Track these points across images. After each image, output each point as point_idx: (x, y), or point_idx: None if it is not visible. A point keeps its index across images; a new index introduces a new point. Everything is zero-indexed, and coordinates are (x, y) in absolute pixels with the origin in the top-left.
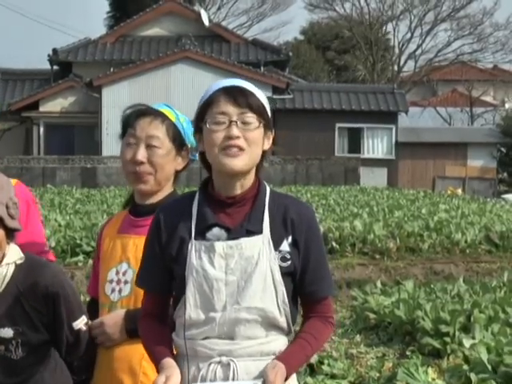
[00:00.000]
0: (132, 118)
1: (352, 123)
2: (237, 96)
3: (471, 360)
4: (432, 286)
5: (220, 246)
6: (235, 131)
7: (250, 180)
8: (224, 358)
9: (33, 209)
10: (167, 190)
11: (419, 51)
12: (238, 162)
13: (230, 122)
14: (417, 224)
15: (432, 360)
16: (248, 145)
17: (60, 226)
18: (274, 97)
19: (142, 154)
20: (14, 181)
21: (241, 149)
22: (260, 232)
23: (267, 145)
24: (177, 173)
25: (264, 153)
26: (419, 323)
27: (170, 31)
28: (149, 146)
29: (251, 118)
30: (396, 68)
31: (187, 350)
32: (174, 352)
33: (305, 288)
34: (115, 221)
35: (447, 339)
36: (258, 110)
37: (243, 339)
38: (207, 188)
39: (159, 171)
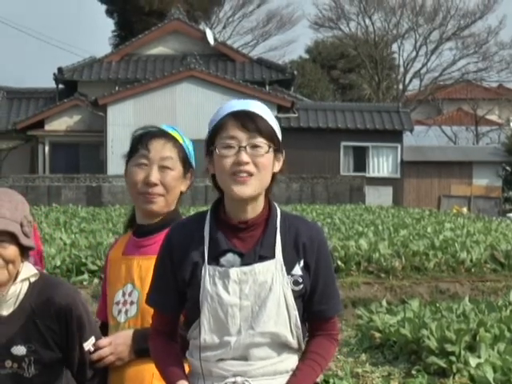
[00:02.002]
0: (145, 139)
1: (357, 142)
2: (246, 120)
3: (477, 379)
4: (437, 304)
5: (234, 273)
6: (244, 157)
7: (261, 203)
8: (239, 378)
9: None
10: (171, 209)
11: (424, 70)
12: (247, 189)
13: (240, 147)
14: (422, 243)
15: (438, 379)
16: (257, 170)
17: (65, 244)
18: (279, 116)
19: (155, 176)
20: None
21: (250, 174)
22: (272, 257)
23: (277, 167)
24: (181, 194)
25: (274, 175)
26: (425, 342)
27: (175, 50)
28: (162, 168)
29: (260, 142)
30: (401, 87)
31: (202, 370)
32: (186, 369)
33: (313, 307)
34: (120, 244)
35: (453, 358)
36: (268, 134)
37: (257, 360)
38: (218, 210)
39: (170, 193)
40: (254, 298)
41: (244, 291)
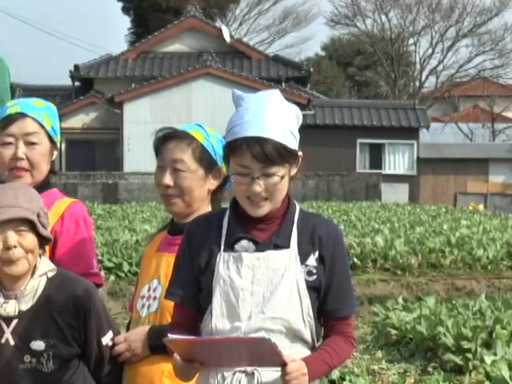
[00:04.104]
0: (159, 143)
1: (373, 139)
2: (258, 151)
3: (493, 376)
4: (454, 302)
5: (247, 257)
6: (257, 188)
7: None
8: (248, 368)
9: (82, 229)
10: (204, 209)
11: (440, 67)
12: (263, 211)
13: (253, 178)
14: (438, 240)
15: (454, 376)
16: (271, 194)
17: None
18: None
19: (168, 178)
20: (69, 200)
21: (265, 198)
22: (287, 247)
23: (294, 171)
24: (214, 192)
25: (292, 177)
26: (441, 339)
27: (191, 47)
28: (174, 170)
29: (274, 170)
30: (417, 84)
31: None
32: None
33: (327, 306)
34: (156, 240)
35: (469, 355)
36: (282, 160)
37: None
38: (237, 205)
39: (187, 194)
40: (265, 283)
41: (256, 276)
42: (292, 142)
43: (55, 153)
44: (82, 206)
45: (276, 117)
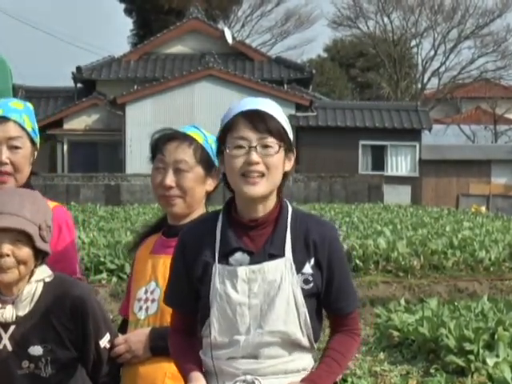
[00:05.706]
0: (160, 143)
1: (375, 141)
2: (256, 121)
3: (495, 378)
4: (456, 303)
5: (243, 271)
6: (254, 157)
7: (272, 201)
8: (249, 377)
9: (64, 234)
10: (200, 211)
11: (443, 68)
12: (259, 189)
13: (250, 147)
14: (441, 242)
15: (456, 378)
16: (268, 170)
17: (84, 243)
18: (298, 114)
19: (170, 179)
20: (52, 204)
21: (261, 175)
22: (282, 255)
23: (288, 166)
24: (208, 194)
25: (286, 174)
26: (443, 341)
27: (193, 49)
28: (177, 170)
29: (271, 142)
30: (419, 85)
31: (214, 369)
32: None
33: (331, 305)
34: (149, 243)
35: (471, 357)
36: (278, 134)
37: (267, 359)
38: (230, 210)
39: (189, 195)
40: (263, 296)
41: (253, 290)
42: (286, 124)
43: (35, 154)
44: (64, 210)
45: (272, 106)
